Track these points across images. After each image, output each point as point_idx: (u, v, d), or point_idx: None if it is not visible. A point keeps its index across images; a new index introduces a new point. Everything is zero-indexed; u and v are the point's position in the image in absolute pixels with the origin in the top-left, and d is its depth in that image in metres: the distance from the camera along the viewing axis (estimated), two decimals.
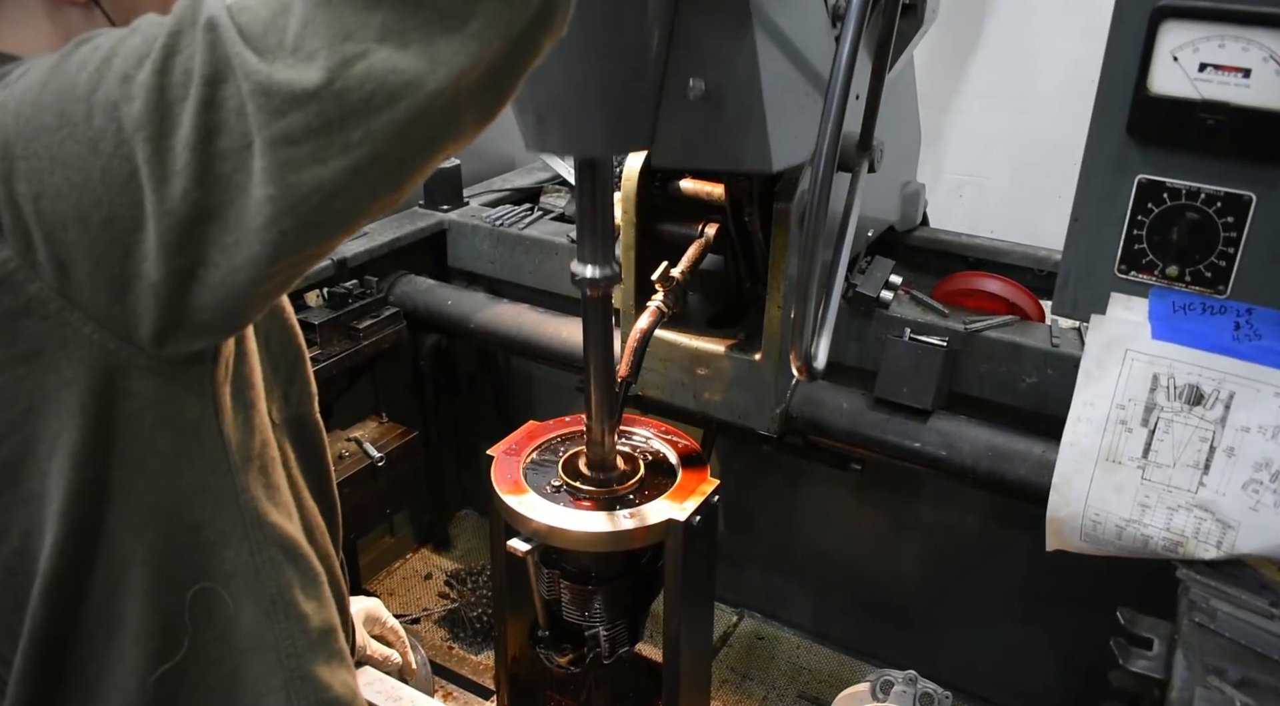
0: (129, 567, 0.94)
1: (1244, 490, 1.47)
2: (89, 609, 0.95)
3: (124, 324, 0.83)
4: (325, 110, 0.72)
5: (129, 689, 0.97)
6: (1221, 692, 1.28)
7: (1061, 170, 2.11)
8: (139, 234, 0.78)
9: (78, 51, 0.79)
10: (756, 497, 2.61)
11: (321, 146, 0.74)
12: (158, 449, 0.92)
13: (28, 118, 0.78)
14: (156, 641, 0.97)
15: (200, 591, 0.98)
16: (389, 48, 0.72)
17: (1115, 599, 1.54)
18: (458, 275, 2.72)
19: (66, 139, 0.77)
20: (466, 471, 3.12)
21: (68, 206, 0.78)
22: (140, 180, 0.76)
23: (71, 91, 0.77)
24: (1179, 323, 1.49)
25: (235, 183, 0.75)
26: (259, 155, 0.74)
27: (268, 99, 0.72)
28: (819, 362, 1.54)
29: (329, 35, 0.71)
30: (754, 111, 1.42)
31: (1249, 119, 1.36)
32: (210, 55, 0.73)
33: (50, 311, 0.83)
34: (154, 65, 0.75)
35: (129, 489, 0.92)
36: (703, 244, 1.89)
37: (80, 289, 0.81)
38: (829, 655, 2.67)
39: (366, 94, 0.72)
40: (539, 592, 1.82)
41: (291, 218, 0.76)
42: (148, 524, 0.94)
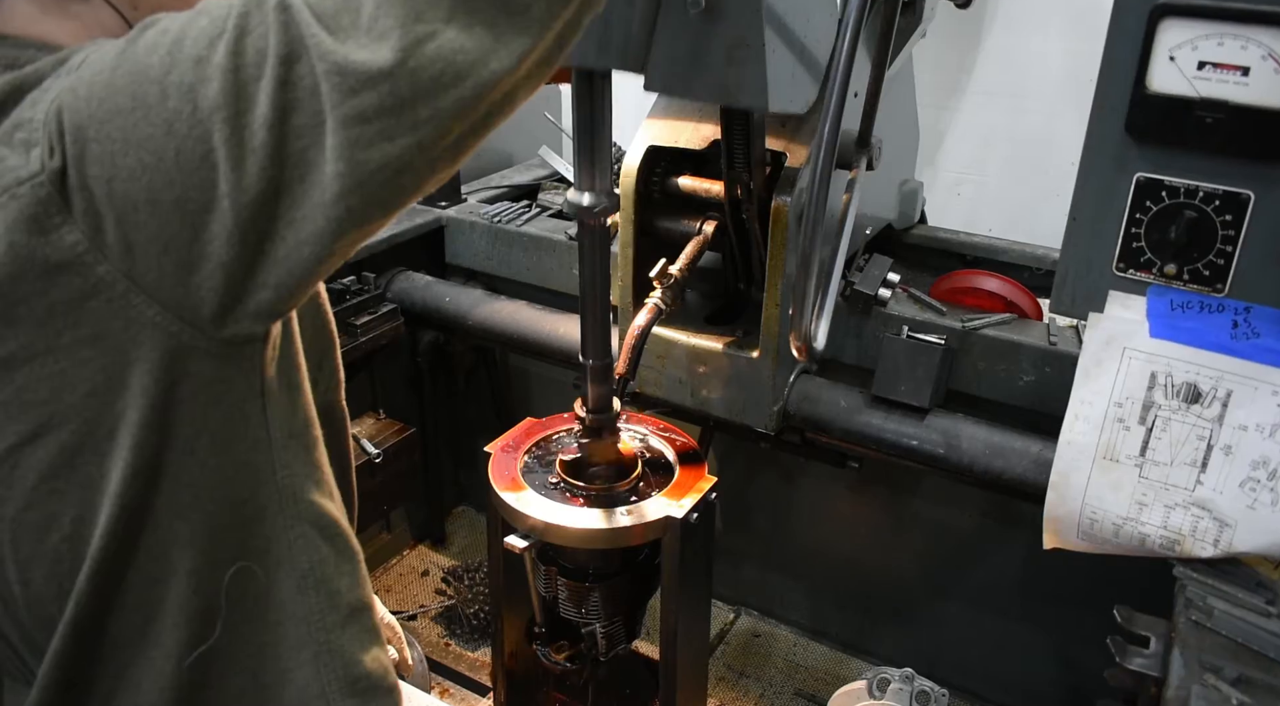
0: (172, 549, 0.94)
1: (1241, 488, 1.47)
2: (130, 593, 0.94)
3: (187, 306, 0.84)
4: (398, 89, 0.75)
5: (163, 672, 0.97)
6: (1218, 690, 1.28)
7: (1060, 168, 2.12)
8: (210, 214, 0.79)
9: (144, 35, 0.80)
10: (754, 495, 2.61)
11: (391, 125, 0.76)
12: (209, 429, 0.92)
13: (100, 101, 0.78)
14: (195, 624, 0.97)
15: (238, 571, 0.98)
16: (456, 28, 0.75)
17: (1112, 597, 1.54)
18: (455, 272, 2.72)
19: (140, 121, 0.77)
20: (464, 468, 3.12)
21: (140, 188, 0.78)
22: (215, 160, 0.77)
23: (144, 74, 0.77)
24: (1177, 321, 1.49)
25: (307, 159, 0.77)
26: (330, 132, 0.76)
27: (342, 78, 0.74)
28: (818, 343, 1.54)
29: (401, 16, 0.74)
30: (752, 37, 1.40)
31: (1247, 117, 1.36)
32: (284, 35, 0.75)
33: (116, 293, 0.83)
34: (228, 46, 0.76)
35: (179, 470, 0.92)
36: (701, 241, 1.89)
37: (147, 271, 0.82)
38: (826, 652, 2.67)
39: (436, 73, 0.75)
40: (536, 589, 1.82)
41: (358, 194, 0.78)
42: (194, 505, 0.94)
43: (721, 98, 1.57)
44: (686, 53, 1.43)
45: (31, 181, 0.79)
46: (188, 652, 0.97)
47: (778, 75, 1.45)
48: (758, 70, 1.42)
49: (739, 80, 1.43)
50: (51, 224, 0.80)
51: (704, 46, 1.42)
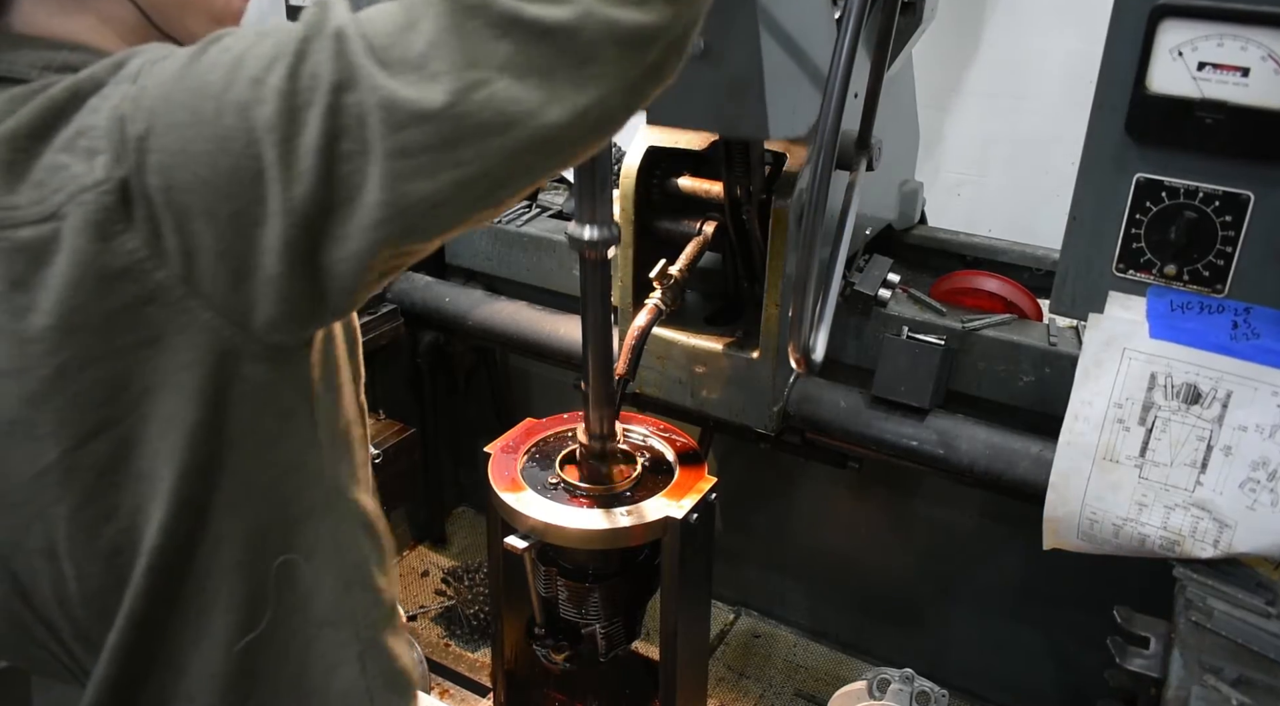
0: (224, 543, 0.96)
1: (1241, 489, 1.47)
2: (185, 585, 0.96)
3: (239, 311, 0.86)
4: (443, 130, 0.77)
5: (213, 660, 0.99)
6: (1218, 691, 1.28)
7: (1060, 169, 2.12)
8: (262, 228, 0.81)
9: (208, 51, 0.82)
10: (754, 495, 2.61)
11: (434, 162, 0.78)
12: (262, 429, 0.95)
13: (160, 114, 0.81)
14: (243, 612, 0.99)
15: (284, 563, 1.01)
16: (509, 78, 0.77)
17: (1112, 597, 1.54)
18: (455, 272, 2.71)
19: (197, 137, 0.79)
20: (464, 468, 3.12)
21: (196, 200, 0.80)
22: (267, 179, 0.79)
23: (203, 90, 0.80)
24: (1177, 321, 1.49)
25: (353, 183, 0.79)
26: (375, 162, 0.78)
27: (389, 113, 0.76)
28: (817, 355, 1.54)
29: (455, 60, 0.76)
30: (752, 74, 1.41)
31: (1247, 118, 1.36)
32: (337, 64, 0.77)
33: (172, 299, 0.85)
34: (285, 70, 0.78)
35: (233, 468, 0.94)
36: (701, 242, 1.89)
37: (203, 278, 0.84)
38: (826, 653, 2.67)
39: (485, 119, 0.77)
40: (536, 590, 1.82)
41: (398, 223, 0.80)
42: (246, 502, 0.96)
43: (723, 130, 1.59)
44: (687, 89, 1.44)
45: (96, 189, 0.81)
46: (236, 640, 0.99)
47: (778, 107, 1.46)
48: (757, 104, 1.43)
49: (739, 114, 1.45)
50: (113, 231, 0.82)
51: (704, 84, 1.44)
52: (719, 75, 1.42)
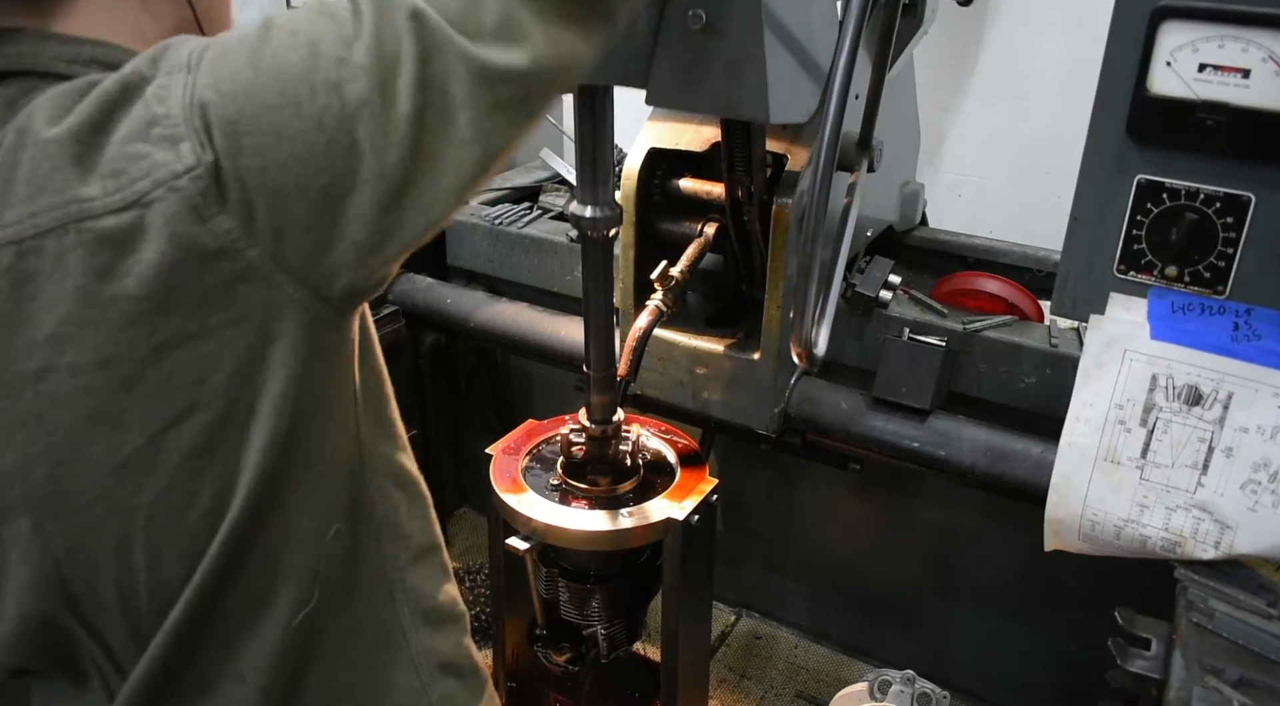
0: (293, 515, 0.98)
1: (1242, 490, 1.47)
2: (251, 562, 0.97)
3: (322, 282, 0.90)
4: (528, 85, 0.91)
5: (271, 638, 1.00)
6: (1219, 692, 1.28)
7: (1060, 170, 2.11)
8: (350, 197, 0.87)
9: (270, 37, 0.87)
10: (755, 497, 2.61)
11: (516, 114, 0.92)
12: (325, 397, 0.98)
13: (247, 97, 0.84)
14: (303, 588, 1.01)
15: (335, 533, 1.04)
16: (571, 33, 0.93)
17: (1113, 599, 1.54)
18: (457, 274, 2.72)
19: (292, 116, 0.84)
20: (465, 470, 3.12)
21: (291, 177, 0.85)
22: (361, 151, 0.86)
23: (288, 72, 0.84)
24: (1178, 323, 1.49)
25: (436, 151, 0.88)
26: (467, 125, 0.88)
27: (484, 77, 0.88)
28: (819, 349, 1.54)
29: (533, 21, 0.90)
30: (753, 51, 1.41)
31: (1248, 119, 1.36)
32: (419, 39, 0.86)
33: (262, 275, 0.87)
34: (368, 48, 0.85)
35: (300, 437, 0.96)
36: (702, 243, 1.89)
37: (291, 252, 0.87)
38: (827, 654, 2.67)
39: (555, 71, 0.93)
40: (537, 591, 1.82)
41: (483, 174, 0.93)
42: (308, 470, 0.98)
43: (723, 111, 1.58)
44: (687, 67, 1.44)
45: (190, 174, 0.83)
46: (295, 615, 1.01)
47: (779, 87, 1.45)
48: (758, 84, 1.43)
49: (740, 93, 1.44)
50: (209, 213, 0.84)
51: (704, 61, 1.43)
52: (719, 53, 1.42)
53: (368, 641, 1.11)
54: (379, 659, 1.12)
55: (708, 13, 1.39)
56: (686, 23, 1.40)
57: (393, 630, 1.13)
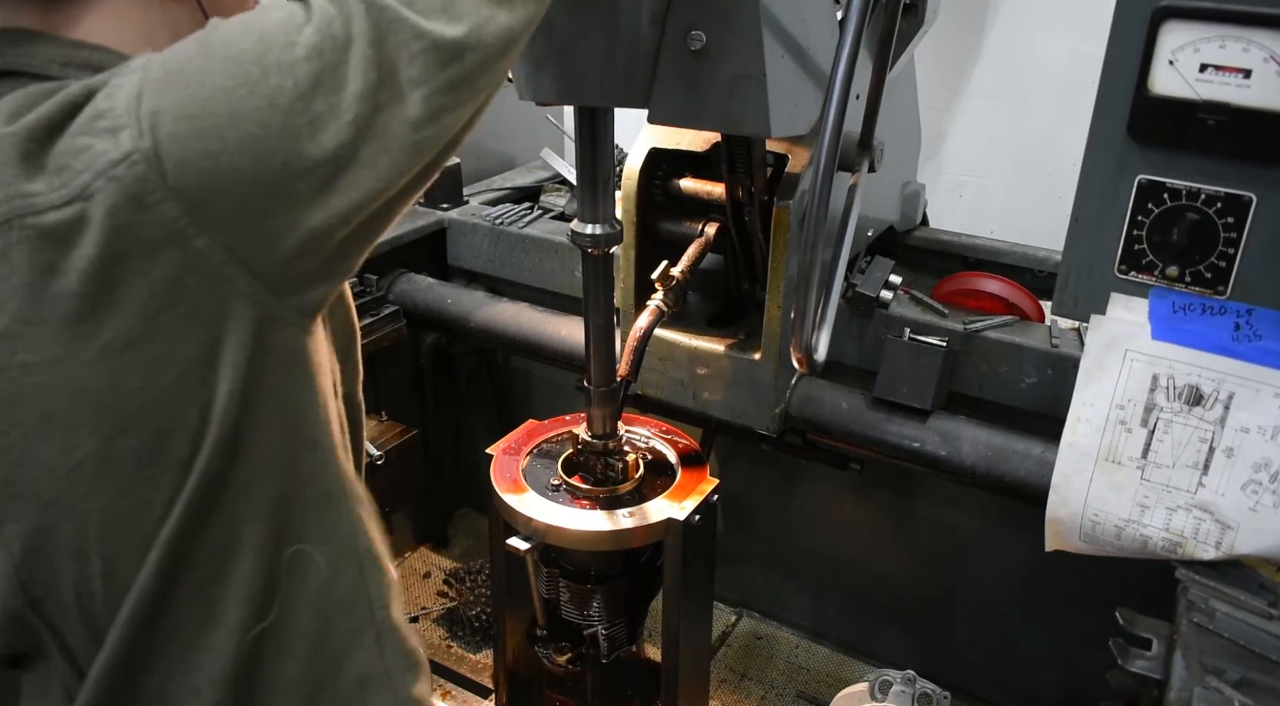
0: (243, 524, 0.95)
1: (1243, 491, 1.47)
2: (199, 570, 0.95)
3: (274, 272, 0.88)
4: (474, 61, 0.91)
5: (224, 651, 0.97)
6: (1220, 693, 1.28)
7: (1061, 170, 2.11)
8: (304, 181, 0.86)
9: (219, 29, 0.87)
10: (756, 497, 2.61)
11: (464, 94, 0.92)
12: (285, 403, 0.95)
13: (197, 83, 0.84)
14: (255, 603, 0.98)
15: (296, 553, 1.00)
16: (504, 10, 0.93)
17: (1114, 599, 1.54)
18: (457, 274, 2.72)
19: (246, 96, 0.83)
20: (465, 470, 3.12)
21: (247, 158, 0.83)
22: (315, 130, 0.85)
23: (241, 57, 0.84)
24: (1179, 323, 1.49)
25: (388, 131, 0.88)
26: (420, 103, 0.88)
27: (436, 54, 0.88)
28: (819, 354, 1.54)
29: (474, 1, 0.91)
30: (754, 69, 1.41)
31: (1249, 119, 1.36)
32: (371, 19, 0.86)
33: (212, 266, 0.85)
34: (317, 30, 0.85)
35: (255, 442, 0.93)
36: (703, 243, 1.89)
37: (245, 240, 0.86)
38: (828, 654, 2.67)
39: (498, 46, 0.93)
40: (538, 591, 1.82)
41: (435, 153, 0.93)
42: (264, 479, 0.95)
43: (725, 127, 1.59)
44: (688, 87, 1.45)
45: (127, 161, 0.82)
46: (247, 630, 0.98)
47: (780, 102, 1.46)
48: (759, 100, 1.43)
49: (741, 110, 1.45)
50: (152, 200, 0.82)
51: (705, 80, 1.44)
52: (721, 72, 1.42)
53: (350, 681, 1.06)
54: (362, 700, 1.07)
55: (708, 33, 1.39)
56: (687, 43, 1.41)
57: (376, 674, 1.07)
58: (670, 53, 1.44)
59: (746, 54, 1.41)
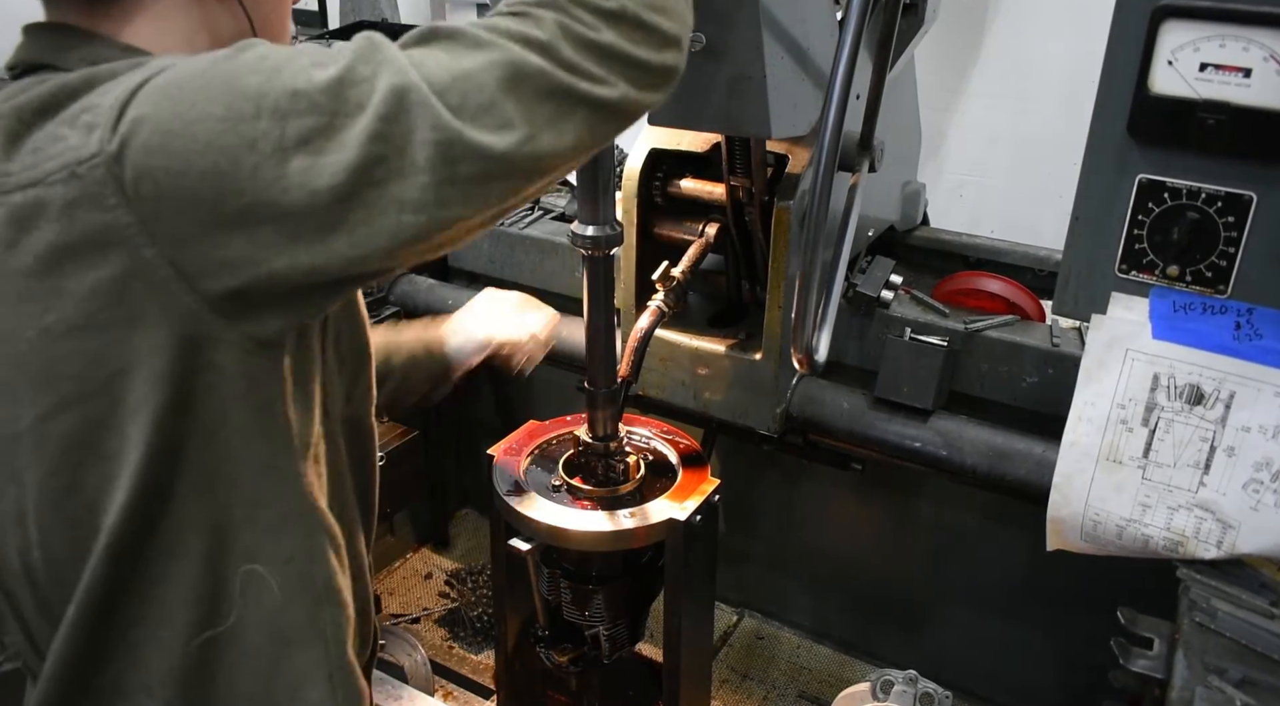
0: (189, 532, 0.98)
1: (1244, 490, 1.47)
2: (145, 569, 0.98)
3: (224, 300, 0.89)
4: (492, 171, 0.86)
5: (172, 651, 1.00)
6: (1222, 692, 1.28)
7: (1062, 170, 2.11)
8: (268, 228, 0.84)
9: (243, 54, 0.86)
10: (757, 497, 2.61)
11: (473, 192, 0.87)
12: (233, 422, 0.96)
13: (189, 103, 0.83)
14: (205, 607, 1.00)
15: (251, 571, 1.01)
16: (552, 134, 0.89)
17: (1116, 598, 1.54)
18: (458, 274, 2.72)
19: (229, 131, 0.82)
20: (467, 471, 3.12)
21: (209, 188, 0.83)
22: (288, 185, 0.83)
23: (242, 90, 0.83)
24: (1180, 322, 1.49)
25: (377, 205, 0.85)
26: (419, 189, 0.84)
27: (449, 149, 0.84)
28: (820, 355, 1.54)
29: (521, 115, 0.87)
30: (754, 70, 1.41)
31: (1249, 119, 1.36)
32: (392, 96, 0.83)
33: (157, 278, 0.87)
34: (331, 88, 0.83)
35: (200, 458, 0.95)
36: (703, 244, 1.89)
37: (191, 262, 0.86)
38: (829, 654, 2.67)
39: (528, 166, 0.88)
40: (539, 592, 1.82)
41: (424, 241, 0.88)
42: (212, 493, 0.97)
43: (726, 128, 1.59)
44: (689, 88, 1.45)
45: (89, 162, 0.84)
46: (196, 634, 1.00)
47: (780, 103, 1.46)
48: (760, 101, 1.44)
49: (742, 111, 1.45)
50: (108, 203, 0.84)
51: (706, 81, 1.44)
52: (721, 73, 1.43)
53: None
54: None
55: (708, 34, 1.39)
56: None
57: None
58: None
59: (746, 55, 1.41)
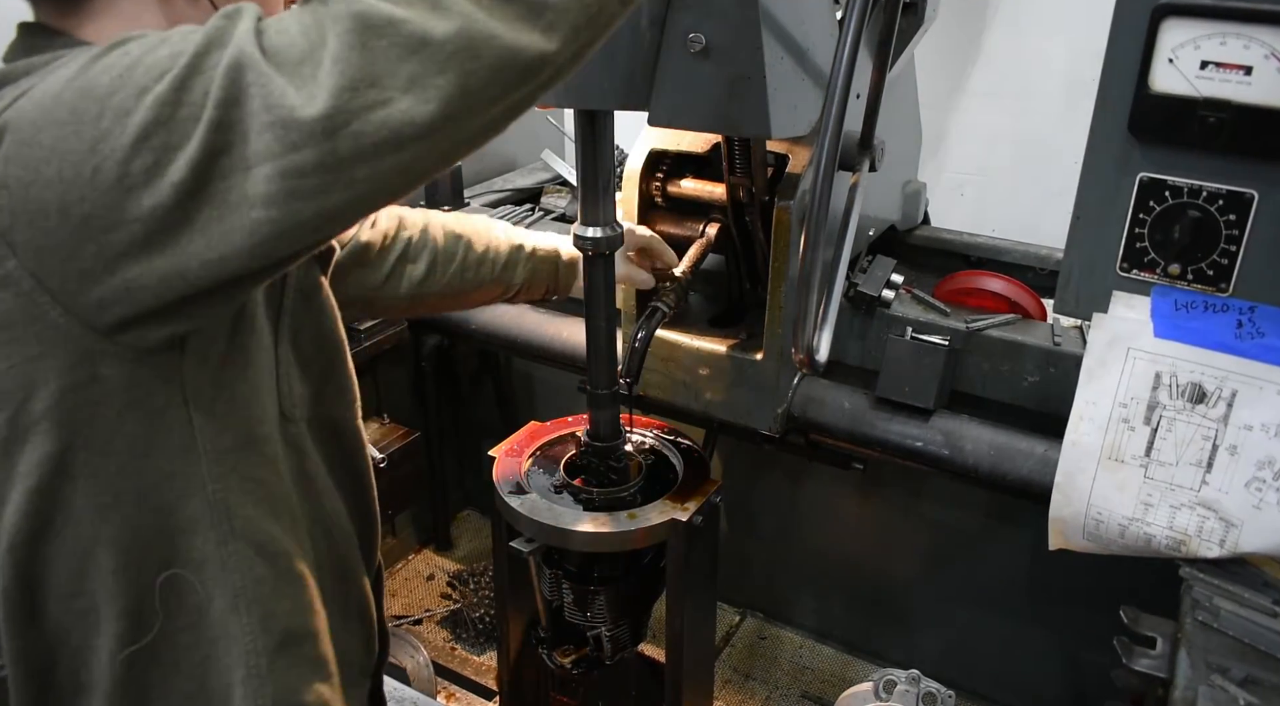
0: (96, 546, 0.97)
1: (1247, 488, 1.47)
2: (57, 577, 0.98)
3: (89, 313, 0.86)
4: (338, 149, 0.77)
5: (105, 664, 1.01)
6: (1225, 691, 1.28)
7: (1063, 169, 2.11)
8: (117, 233, 0.81)
9: (109, 54, 0.83)
10: (758, 497, 2.61)
11: (329, 181, 0.79)
12: (125, 432, 0.94)
13: (44, 109, 0.82)
14: (126, 621, 1.00)
15: (171, 577, 1.00)
16: (411, 98, 0.78)
17: (1118, 597, 1.54)
18: None
19: (71, 135, 0.80)
20: (468, 472, 3.12)
21: (54, 197, 0.81)
22: (131, 185, 0.79)
23: (91, 92, 0.80)
24: (1181, 321, 1.49)
25: (226, 201, 0.79)
26: (264, 181, 0.78)
27: (285, 132, 0.76)
28: (821, 355, 1.54)
29: (355, 79, 0.76)
30: (753, 71, 1.41)
31: (1250, 117, 1.36)
32: (229, 78, 0.77)
33: (23, 290, 0.86)
34: (174, 82, 0.78)
35: (95, 469, 0.94)
36: (704, 244, 1.89)
37: (51, 275, 0.85)
38: (832, 654, 2.66)
39: (379, 139, 0.78)
40: (541, 593, 1.82)
41: (286, 238, 0.81)
42: (115, 506, 0.96)
43: (725, 129, 1.59)
44: (688, 89, 1.45)
45: None
46: (120, 648, 1.00)
47: (779, 103, 1.46)
48: (759, 102, 1.43)
49: (741, 112, 1.45)
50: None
51: (705, 82, 1.44)
52: (720, 73, 1.42)
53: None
54: None
55: (707, 34, 1.39)
56: (686, 45, 1.40)
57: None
58: (670, 54, 1.44)
59: (746, 55, 1.41)
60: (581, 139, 1.55)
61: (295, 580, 1.09)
